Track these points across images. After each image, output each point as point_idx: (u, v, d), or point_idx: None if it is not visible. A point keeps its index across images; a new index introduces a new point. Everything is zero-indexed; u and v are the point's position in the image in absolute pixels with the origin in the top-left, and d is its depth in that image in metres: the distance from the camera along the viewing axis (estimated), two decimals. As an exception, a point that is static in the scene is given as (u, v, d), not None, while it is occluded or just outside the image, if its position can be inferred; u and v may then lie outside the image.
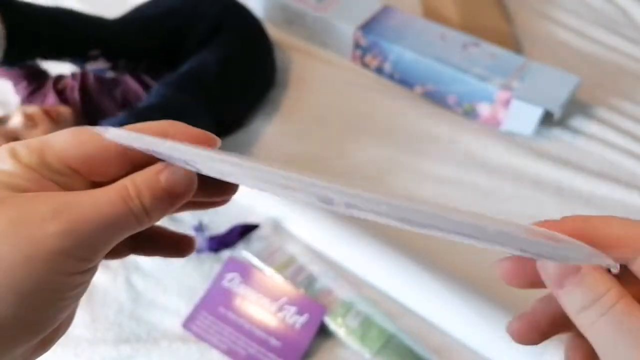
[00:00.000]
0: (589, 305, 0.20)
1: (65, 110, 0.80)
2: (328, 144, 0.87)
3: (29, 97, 0.83)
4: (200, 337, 0.66)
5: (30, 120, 0.73)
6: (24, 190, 0.20)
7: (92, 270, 0.21)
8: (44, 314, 0.20)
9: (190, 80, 0.78)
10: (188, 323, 0.67)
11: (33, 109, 0.76)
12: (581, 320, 0.20)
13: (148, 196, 0.21)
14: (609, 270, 0.21)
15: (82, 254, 0.20)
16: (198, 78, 0.79)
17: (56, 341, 0.22)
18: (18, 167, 0.21)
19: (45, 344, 0.22)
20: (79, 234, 0.19)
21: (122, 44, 0.78)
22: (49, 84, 0.83)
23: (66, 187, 0.21)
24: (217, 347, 0.65)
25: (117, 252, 0.25)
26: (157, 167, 0.22)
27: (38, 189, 0.21)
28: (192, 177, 0.22)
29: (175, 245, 0.26)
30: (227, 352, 0.65)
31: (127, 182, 0.21)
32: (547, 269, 0.21)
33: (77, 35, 0.73)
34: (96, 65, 0.76)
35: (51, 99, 0.82)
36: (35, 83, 0.84)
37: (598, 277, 0.20)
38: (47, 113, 0.76)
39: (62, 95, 0.83)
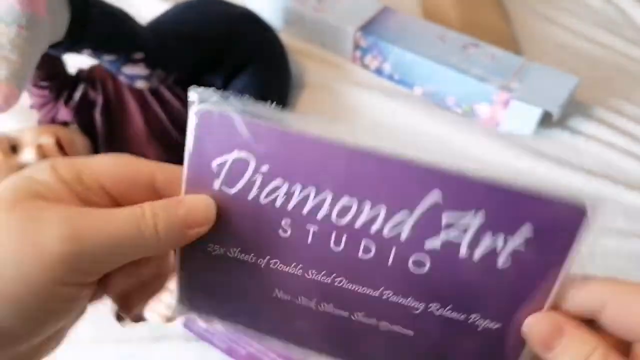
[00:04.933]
0: None
1: (79, 142, 0.77)
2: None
3: (41, 105, 0.80)
4: (201, 337, 0.66)
5: (41, 154, 0.71)
6: (49, 200, 0.21)
7: (89, 288, 0.21)
8: (31, 321, 0.20)
9: None
10: (189, 322, 0.67)
11: (45, 139, 0.73)
12: None
13: (163, 221, 0.21)
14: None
15: (82, 265, 0.20)
16: None
17: (44, 356, 0.23)
18: (52, 178, 0.21)
19: (34, 356, 0.22)
20: (82, 244, 0.20)
21: (164, 54, 0.76)
22: (63, 97, 0.80)
23: (93, 205, 0.22)
24: (217, 347, 0.66)
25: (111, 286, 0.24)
26: (178, 197, 0.23)
27: (63, 202, 0.21)
28: (210, 210, 0.23)
29: None
30: (228, 351, 0.65)
31: (145, 204, 0.22)
32: (533, 332, 0.22)
33: (131, 32, 0.72)
34: (133, 70, 0.74)
35: (63, 113, 0.80)
36: (53, 93, 0.80)
37: (584, 336, 0.21)
38: (60, 145, 0.73)
39: (76, 110, 0.79)
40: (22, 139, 0.74)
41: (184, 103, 0.80)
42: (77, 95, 0.80)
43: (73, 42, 0.64)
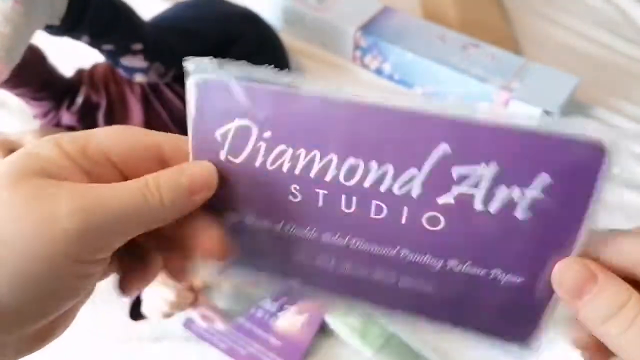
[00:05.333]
0: (614, 314, 0.19)
1: None
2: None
3: (44, 114, 0.80)
4: (200, 336, 0.66)
5: None
6: (54, 176, 0.21)
7: (99, 265, 0.21)
8: (43, 299, 0.20)
9: None
10: (189, 322, 0.67)
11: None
12: (606, 330, 0.20)
13: (167, 189, 0.22)
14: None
15: (93, 240, 0.20)
16: None
17: (52, 339, 0.22)
18: (57, 154, 0.21)
19: (42, 339, 0.22)
20: (91, 218, 0.19)
21: (163, 47, 0.76)
22: (65, 102, 0.80)
23: (100, 179, 0.22)
24: (217, 346, 0.66)
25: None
26: (181, 165, 0.23)
27: (68, 177, 0.21)
28: (212, 175, 0.23)
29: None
30: (228, 351, 0.65)
31: (149, 176, 0.22)
32: (564, 280, 0.21)
33: (131, 22, 0.71)
34: (132, 62, 0.73)
35: (67, 118, 0.79)
36: (53, 101, 0.79)
37: (618, 284, 0.20)
38: None
39: (79, 113, 0.79)
40: (23, 142, 0.73)
41: (184, 101, 0.80)
42: (80, 99, 0.80)
43: (71, 26, 0.64)
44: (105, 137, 0.23)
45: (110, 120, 0.80)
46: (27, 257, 0.18)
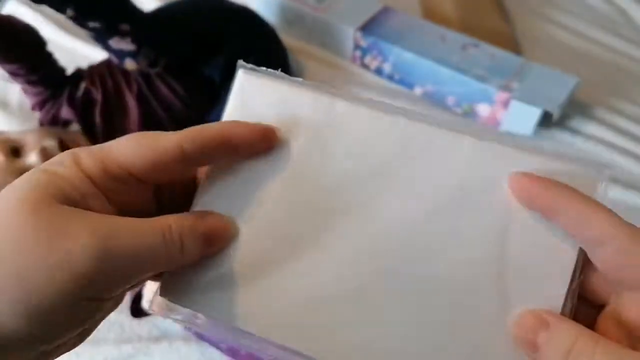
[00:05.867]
0: (565, 357, 0.20)
1: (82, 143, 0.77)
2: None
3: (41, 104, 0.81)
4: (201, 337, 0.67)
5: (46, 158, 0.69)
6: (75, 201, 0.20)
7: (112, 302, 0.21)
8: (53, 330, 0.20)
9: None
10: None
11: (49, 141, 0.73)
12: None
13: (187, 237, 0.22)
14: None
15: (107, 280, 0.20)
16: None
17: (71, 348, 0.22)
18: (76, 173, 0.21)
19: (60, 352, 0.22)
20: (109, 261, 0.19)
21: (152, 31, 0.76)
22: (65, 94, 0.80)
23: (123, 195, 0.22)
24: (217, 346, 0.66)
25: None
26: (200, 212, 0.23)
27: (88, 203, 0.21)
28: (228, 228, 0.23)
29: None
30: (228, 351, 0.65)
31: (171, 219, 0.22)
32: (519, 331, 0.21)
33: (117, 1, 0.72)
34: (120, 44, 0.73)
35: (66, 111, 0.80)
36: (50, 90, 0.80)
37: (566, 327, 0.20)
38: (63, 147, 0.73)
39: (79, 108, 0.80)
40: (25, 141, 0.73)
41: (177, 94, 0.81)
42: (79, 93, 0.80)
43: None
44: (124, 151, 0.22)
45: (106, 116, 0.80)
46: (42, 292, 0.19)
